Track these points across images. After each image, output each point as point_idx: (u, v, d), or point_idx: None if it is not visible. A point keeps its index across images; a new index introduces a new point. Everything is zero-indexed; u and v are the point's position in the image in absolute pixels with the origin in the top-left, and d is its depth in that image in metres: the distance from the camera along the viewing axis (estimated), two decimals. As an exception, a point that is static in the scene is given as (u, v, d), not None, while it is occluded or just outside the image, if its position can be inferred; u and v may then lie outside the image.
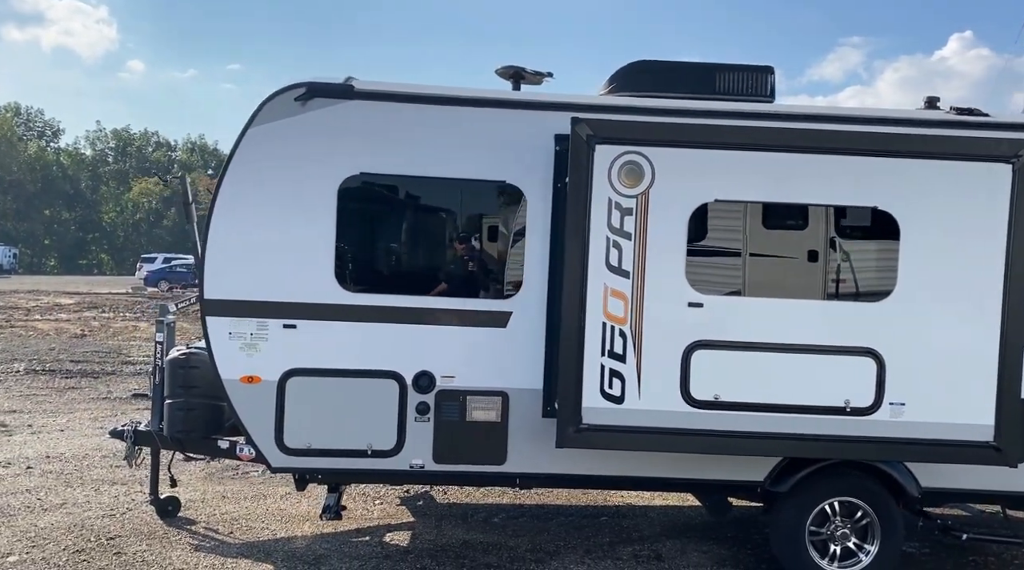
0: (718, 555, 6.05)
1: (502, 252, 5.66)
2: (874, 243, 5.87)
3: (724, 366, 4.85)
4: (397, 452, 5.41)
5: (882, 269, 5.92)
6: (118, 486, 7.34)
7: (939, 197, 4.83)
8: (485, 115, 5.46)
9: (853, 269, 5.86)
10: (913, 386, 4.85)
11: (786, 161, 4.81)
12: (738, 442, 4.90)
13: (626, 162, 4.75)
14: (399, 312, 5.43)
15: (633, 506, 7.16)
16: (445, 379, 5.41)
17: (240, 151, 5.29)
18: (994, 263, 4.83)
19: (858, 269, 5.85)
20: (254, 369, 5.36)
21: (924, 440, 4.88)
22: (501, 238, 5.68)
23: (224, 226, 5.32)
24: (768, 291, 5.50)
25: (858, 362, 4.85)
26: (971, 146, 4.83)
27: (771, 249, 5.86)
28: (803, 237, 5.91)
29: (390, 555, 5.84)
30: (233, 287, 5.35)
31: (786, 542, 5.47)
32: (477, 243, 5.70)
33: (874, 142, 4.82)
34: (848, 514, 5.47)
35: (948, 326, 4.87)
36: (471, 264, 5.69)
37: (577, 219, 4.76)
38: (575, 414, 4.81)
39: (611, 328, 4.81)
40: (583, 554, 5.96)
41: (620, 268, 4.79)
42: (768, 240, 5.84)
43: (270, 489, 7.35)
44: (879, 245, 5.84)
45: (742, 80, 5.99)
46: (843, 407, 4.86)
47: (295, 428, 5.38)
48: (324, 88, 5.30)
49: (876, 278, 5.91)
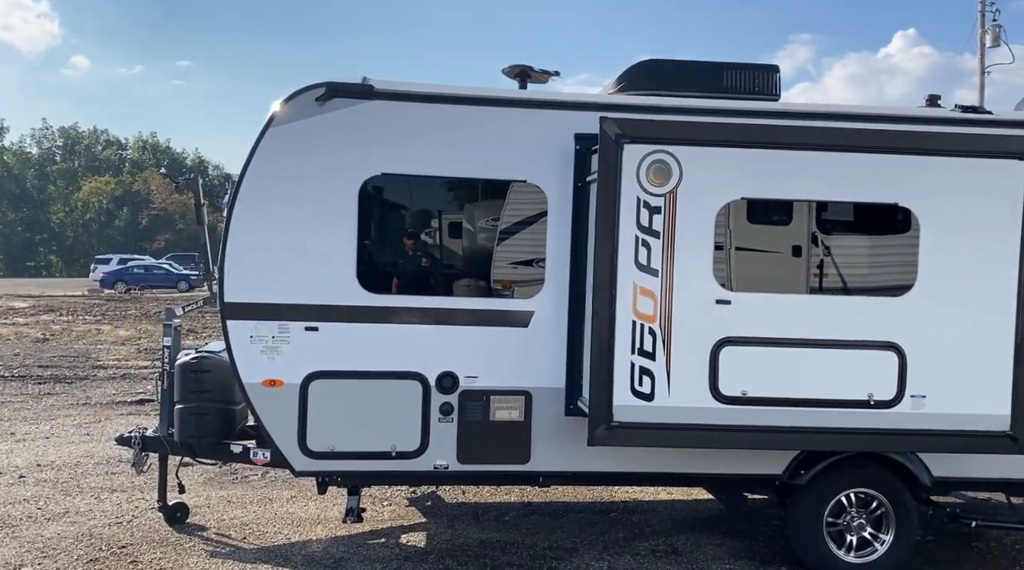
0: (732, 548, 6.13)
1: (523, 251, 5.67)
2: (857, 238, 6.01)
3: (751, 362, 4.92)
4: (421, 453, 5.41)
5: (873, 264, 6.07)
6: (118, 493, 7.21)
7: (956, 194, 4.95)
8: (505, 115, 5.48)
9: (836, 263, 5.98)
10: (933, 379, 4.97)
11: (811, 159, 4.89)
12: (766, 436, 4.98)
13: (654, 161, 4.79)
14: (421, 313, 5.42)
15: (640, 501, 7.23)
16: (468, 379, 5.41)
17: (259, 152, 5.23)
18: (1009, 257, 4.97)
19: (841, 263, 5.98)
20: (276, 373, 5.31)
21: (944, 431, 5.01)
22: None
23: (243, 228, 5.26)
24: (753, 285, 5.57)
25: (881, 356, 4.96)
26: (988, 144, 4.96)
27: (756, 244, 5.95)
28: (787, 232, 6.00)
29: (410, 557, 5.82)
30: (253, 290, 5.29)
31: (804, 533, 5.58)
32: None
33: (897, 140, 4.94)
34: (864, 505, 5.60)
35: (965, 319, 5.00)
36: None
37: (606, 218, 4.79)
38: (606, 412, 4.84)
39: (641, 326, 4.85)
40: (601, 550, 6.01)
41: (649, 266, 4.83)
42: (753, 235, 5.91)
43: (274, 493, 7.28)
44: (864, 240, 6.00)
45: (749, 78, 6.09)
46: (867, 400, 4.97)
47: (318, 431, 5.34)
48: (344, 88, 5.27)
49: (864, 272, 6.04)
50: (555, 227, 5.44)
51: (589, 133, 5.37)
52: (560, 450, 5.48)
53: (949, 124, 5.52)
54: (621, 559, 5.85)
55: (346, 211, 5.32)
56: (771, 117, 5.51)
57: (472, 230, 5.86)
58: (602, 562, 5.79)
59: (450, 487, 7.28)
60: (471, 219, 5.84)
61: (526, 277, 5.67)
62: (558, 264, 5.44)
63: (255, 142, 5.25)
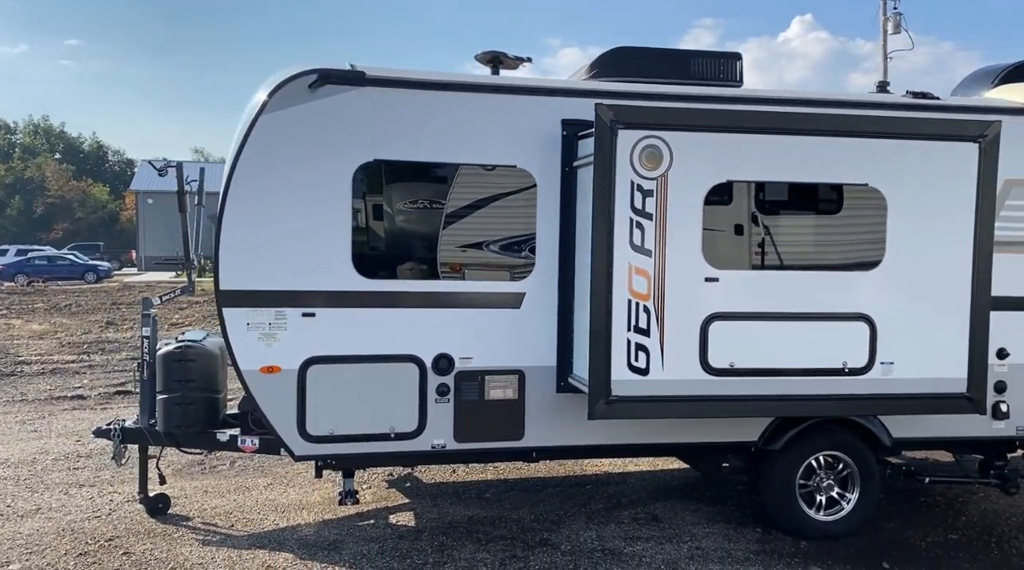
0: (707, 513, 6.47)
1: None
2: (794, 217, 6.35)
3: (738, 336, 5.22)
4: (419, 434, 5.53)
5: (808, 242, 6.43)
6: (87, 488, 7.08)
7: (918, 174, 5.34)
8: (495, 101, 5.61)
9: (775, 242, 6.35)
10: (900, 346, 5.37)
11: (791, 143, 5.20)
12: (752, 405, 5.31)
13: (647, 146, 5.02)
14: (417, 296, 5.53)
15: (611, 474, 7.51)
16: (463, 360, 5.56)
17: (252, 139, 5.23)
18: (964, 233, 5.40)
19: (779, 242, 6.34)
20: (274, 359, 5.34)
21: (909, 395, 5.42)
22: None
23: (238, 216, 5.25)
24: None
25: (853, 327, 5.33)
26: (945, 127, 5.37)
27: None
28: (729, 212, 6.33)
29: (404, 535, 5.95)
30: (249, 277, 5.30)
31: (778, 495, 5.94)
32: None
33: (868, 124, 5.30)
34: (831, 467, 6.00)
35: (927, 291, 5.42)
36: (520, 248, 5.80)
37: (602, 201, 4.99)
38: (605, 387, 5.07)
39: (636, 304, 5.08)
40: (586, 521, 6.26)
41: (643, 247, 5.06)
42: None
43: (250, 481, 7.27)
44: (800, 219, 6.35)
45: (714, 66, 6.37)
46: (842, 368, 5.33)
47: (317, 416, 5.40)
48: (336, 75, 5.31)
49: (804, 249, 6.38)
50: (544, 211, 5.62)
51: (575, 119, 5.59)
52: (552, 426, 5.69)
53: (904, 109, 5.92)
54: (607, 527, 6.12)
55: (341, 197, 5.37)
56: (737, 102, 5.79)
57: (391, 213, 5.86)
58: (589, 531, 6.04)
59: (426, 468, 7.42)
60: (390, 202, 5.85)
61: (475, 260, 5.78)
62: (548, 247, 5.63)
63: (246, 129, 5.24)
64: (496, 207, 5.77)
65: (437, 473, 7.44)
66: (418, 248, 5.73)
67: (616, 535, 5.97)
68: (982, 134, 5.34)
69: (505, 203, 5.75)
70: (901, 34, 25.91)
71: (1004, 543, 6.00)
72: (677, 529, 6.10)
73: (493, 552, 5.64)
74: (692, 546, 5.78)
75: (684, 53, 6.45)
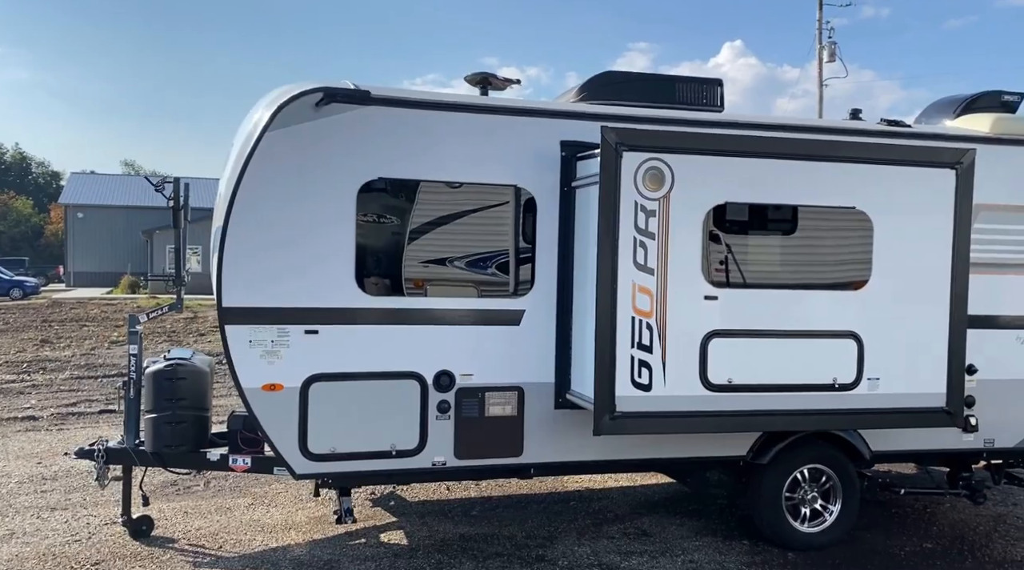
0: (694, 526, 6.61)
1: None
2: (754, 237, 6.55)
3: (736, 353, 5.38)
4: (420, 451, 5.55)
5: (767, 261, 6.61)
6: (59, 511, 6.86)
7: (900, 198, 5.61)
8: (496, 122, 5.70)
9: (736, 260, 6.55)
10: (885, 362, 5.60)
11: (785, 168, 5.41)
12: (749, 420, 5.48)
13: (649, 168, 5.16)
14: (418, 313, 5.56)
15: (592, 489, 7.61)
16: (464, 377, 5.60)
17: (256, 156, 5.21)
18: (943, 254, 5.67)
19: (740, 260, 6.54)
20: (276, 376, 5.31)
21: (893, 409, 5.65)
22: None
23: (241, 233, 5.22)
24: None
25: (843, 344, 5.55)
26: (925, 154, 5.65)
27: None
28: None
29: (399, 554, 5.93)
30: (252, 294, 5.26)
31: (766, 508, 6.11)
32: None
33: (856, 151, 5.55)
34: (815, 479, 6.21)
35: (910, 309, 5.67)
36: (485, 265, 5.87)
37: (607, 221, 5.11)
38: (610, 403, 5.17)
39: (639, 322, 5.20)
40: (577, 536, 6.33)
41: (646, 266, 5.19)
42: None
43: (230, 501, 7.15)
44: (760, 239, 6.54)
45: (697, 91, 6.57)
46: (832, 384, 5.54)
47: (319, 433, 5.38)
48: (341, 93, 5.33)
49: (766, 268, 6.57)
50: (543, 229, 5.71)
51: (574, 140, 5.72)
52: (550, 442, 5.76)
53: (887, 137, 6.20)
54: (599, 543, 6.20)
55: (344, 214, 5.38)
56: (720, 127, 5.96)
57: (393, 230, 5.81)
58: (583, 546, 6.11)
59: (407, 487, 7.40)
60: (391, 219, 5.82)
61: (439, 276, 5.78)
62: (547, 265, 5.72)
63: (251, 147, 5.21)
64: (499, 224, 5.83)
65: (420, 491, 7.42)
66: (420, 265, 5.74)
67: (610, 550, 6.05)
68: (959, 161, 5.64)
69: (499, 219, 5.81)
70: (835, 62, 26.86)
71: (976, 551, 6.27)
72: (668, 543, 6.22)
73: (496, 568, 5.67)
74: (685, 560, 5.90)
75: (670, 78, 6.65)
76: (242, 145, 5.43)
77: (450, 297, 5.69)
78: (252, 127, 5.42)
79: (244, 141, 5.42)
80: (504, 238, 5.85)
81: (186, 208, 6.61)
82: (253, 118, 5.55)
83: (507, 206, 5.75)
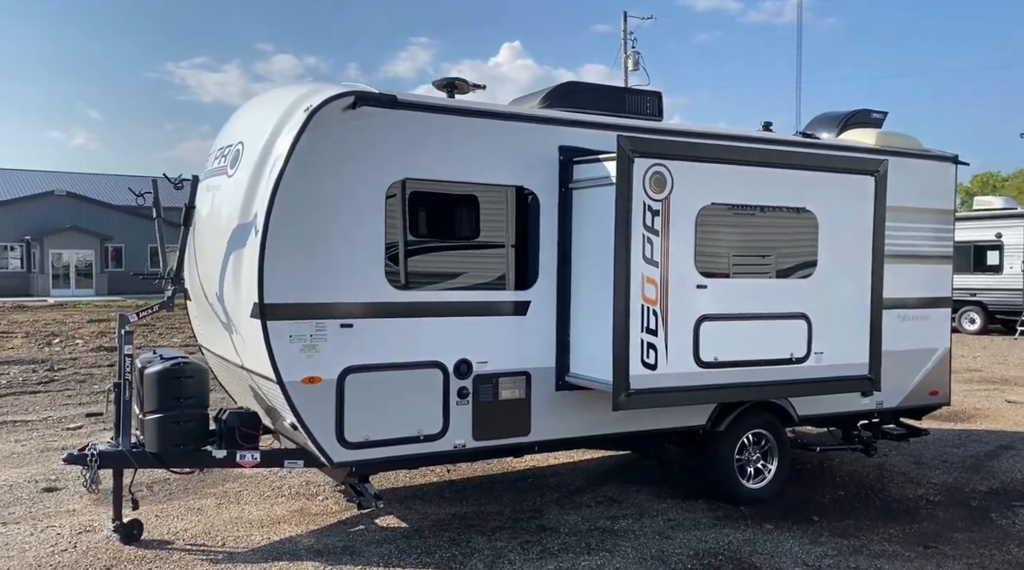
0: (651, 492, 7.40)
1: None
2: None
3: (720, 334, 6.19)
4: (443, 435, 5.90)
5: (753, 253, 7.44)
6: (14, 525, 6.49)
7: (837, 200, 6.66)
8: (506, 127, 6.15)
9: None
10: (826, 339, 6.64)
11: (752, 173, 6.28)
12: (732, 391, 6.32)
13: (655, 172, 5.84)
14: (440, 306, 5.91)
15: (540, 468, 8.20)
16: (480, 364, 6.02)
17: (294, 159, 5.34)
18: (866, 247, 6.80)
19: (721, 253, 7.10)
20: (315, 369, 5.47)
21: (832, 378, 6.72)
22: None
23: (280, 232, 5.33)
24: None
25: (797, 324, 6.53)
26: (855, 163, 6.75)
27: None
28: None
29: (408, 535, 6.24)
30: (292, 291, 5.40)
31: (721, 469, 7.01)
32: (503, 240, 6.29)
33: (808, 160, 6.56)
34: (757, 442, 7.18)
35: (844, 293, 6.75)
36: (497, 260, 6.29)
37: (622, 220, 5.73)
38: (625, 382, 5.80)
39: (647, 308, 5.88)
40: (558, 508, 6.91)
41: (652, 259, 5.87)
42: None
43: (194, 502, 7.04)
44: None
45: (642, 102, 7.36)
46: (790, 358, 6.50)
47: (354, 422, 5.60)
48: (371, 97, 5.57)
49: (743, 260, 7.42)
50: (546, 227, 6.24)
51: (570, 145, 6.30)
52: (552, 421, 6.31)
53: (828, 149, 7.34)
54: (582, 511, 6.82)
55: (375, 213, 5.63)
56: (659, 133, 6.71)
57: (418, 227, 6.05)
58: (570, 515, 6.71)
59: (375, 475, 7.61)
60: (416, 217, 5.99)
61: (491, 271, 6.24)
62: (549, 259, 6.26)
63: (288, 148, 5.33)
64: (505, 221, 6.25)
65: (383, 479, 7.66)
66: (441, 260, 6.07)
67: (596, 515, 6.70)
68: (877, 170, 6.78)
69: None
70: (639, 71, 28.97)
71: (878, 494, 7.53)
72: (639, 506, 6.96)
73: (506, 540, 6.13)
74: (664, 518, 6.66)
75: (620, 90, 7.41)
76: (267, 146, 5.54)
77: (466, 290, 6.07)
78: (277, 128, 5.55)
79: (269, 142, 5.54)
80: (512, 235, 6.27)
81: (158, 205, 6.49)
82: (272, 119, 5.66)
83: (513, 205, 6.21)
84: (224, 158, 6.21)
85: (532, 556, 5.83)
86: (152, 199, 6.49)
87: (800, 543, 6.18)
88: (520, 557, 5.81)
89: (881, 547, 6.13)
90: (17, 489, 7.45)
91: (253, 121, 6.16)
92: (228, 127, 6.77)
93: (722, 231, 6.23)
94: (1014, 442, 9.62)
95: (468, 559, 5.78)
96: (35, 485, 7.57)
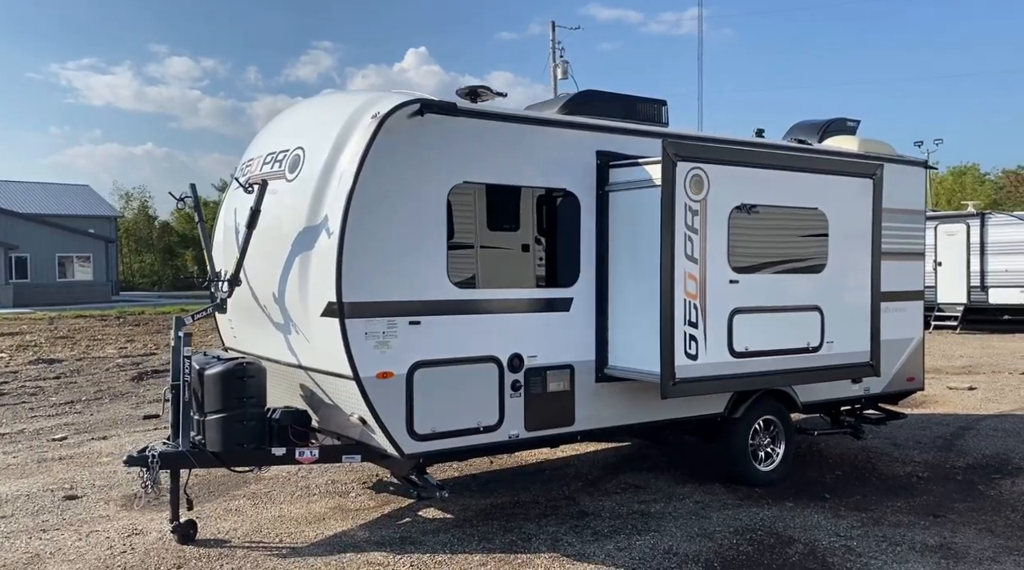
0: (671, 477, 7.82)
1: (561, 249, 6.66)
2: None
3: (750, 325, 6.65)
4: (499, 426, 6.18)
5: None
6: (64, 530, 6.43)
7: (843, 201, 7.23)
8: (552, 134, 6.48)
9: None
10: (836, 329, 7.20)
11: (774, 176, 6.78)
12: (758, 379, 6.79)
13: (694, 175, 6.26)
14: (495, 303, 6.20)
15: (551, 460, 8.51)
16: (530, 358, 6.32)
17: (367, 165, 5.56)
18: (868, 244, 7.40)
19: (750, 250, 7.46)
20: (388, 364, 5.68)
21: (840, 365, 7.27)
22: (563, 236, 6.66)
23: (356, 234, 5.54)
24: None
25: (812, 315, 7.05)
26: (857, 167, 7.34)
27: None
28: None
29: (458, 524, 6.47)
30: (367, 290, 5.60)
31: (737, 454, 7.49)
32: (547, 240, 6.60)
33: (821, 164, 7.08)
34: (767, 427, 7.69)
35: (849, 287, 7.32)
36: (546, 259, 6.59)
37: (667, 220, 6.13)
38: (671, 372, 6.19)
39: (688, 303, 6.28)
40: (588, 496, 7.25)
41: (692, 256, 6.29)
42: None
43: (228, 504, 7.10)
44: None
45: (651, 109, 7.81)
46: (807, 347, 7.02)
47: (423, 415, 5.82)
48: (435, 105, 5.82)
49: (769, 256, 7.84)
50: (586, 227, 6.60)
51: (606, 150, 6.68)
52: (593, 411, 6.65)
53: (811, 152, 7.86)
54: (613, 497, 7.18)
55: (438, 215, 5.88)
56: (691, 140, 7.24)
57: (477, 228, 6.47)
58: (604, 501, 7.06)
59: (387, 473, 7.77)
60: (475, 218, 6.45)
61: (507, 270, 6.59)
62: (589, 257, 6.61)
63: (361, 155, 5.54)
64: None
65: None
66: (498, 261, 6.35)
67: (629, 501, 7.07)
68: (874, 173, 7.39)
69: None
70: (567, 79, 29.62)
71: (872, 473, 8.14)
72: (664, 491, 7.37)
73: (555, 524, 6.44)
74: (692, 500, 7.08)
75: (632, 98, 7.81)
76: (334, 151, 5.78)
77: (517, 288, 6.36)
78: (344, 134, 5.79)
79: (336, 148, 5.78)
80: (562, 235, 6.62)
81: (200, 210, 6.57)
82: (336, 126, 5.87)
83: (558, 206, 6.55)
84: (278, 163, 6.34)
85: (587, 538, 6.16)
86: (193, 203, 6.56)
87: (825, 517, 6.69)
88: (577, 539, 6.13)
89: (896, 518, 6.70)
90: (36, 498, 7.34)
91: (312, 128, 6.33)
92: (272, 134, 6.93)
93: (749, 229, 6.68)
94: (970, 423, 10.46)
95: (528, 543, 6.06)
96: (53, 494, 7.47)
